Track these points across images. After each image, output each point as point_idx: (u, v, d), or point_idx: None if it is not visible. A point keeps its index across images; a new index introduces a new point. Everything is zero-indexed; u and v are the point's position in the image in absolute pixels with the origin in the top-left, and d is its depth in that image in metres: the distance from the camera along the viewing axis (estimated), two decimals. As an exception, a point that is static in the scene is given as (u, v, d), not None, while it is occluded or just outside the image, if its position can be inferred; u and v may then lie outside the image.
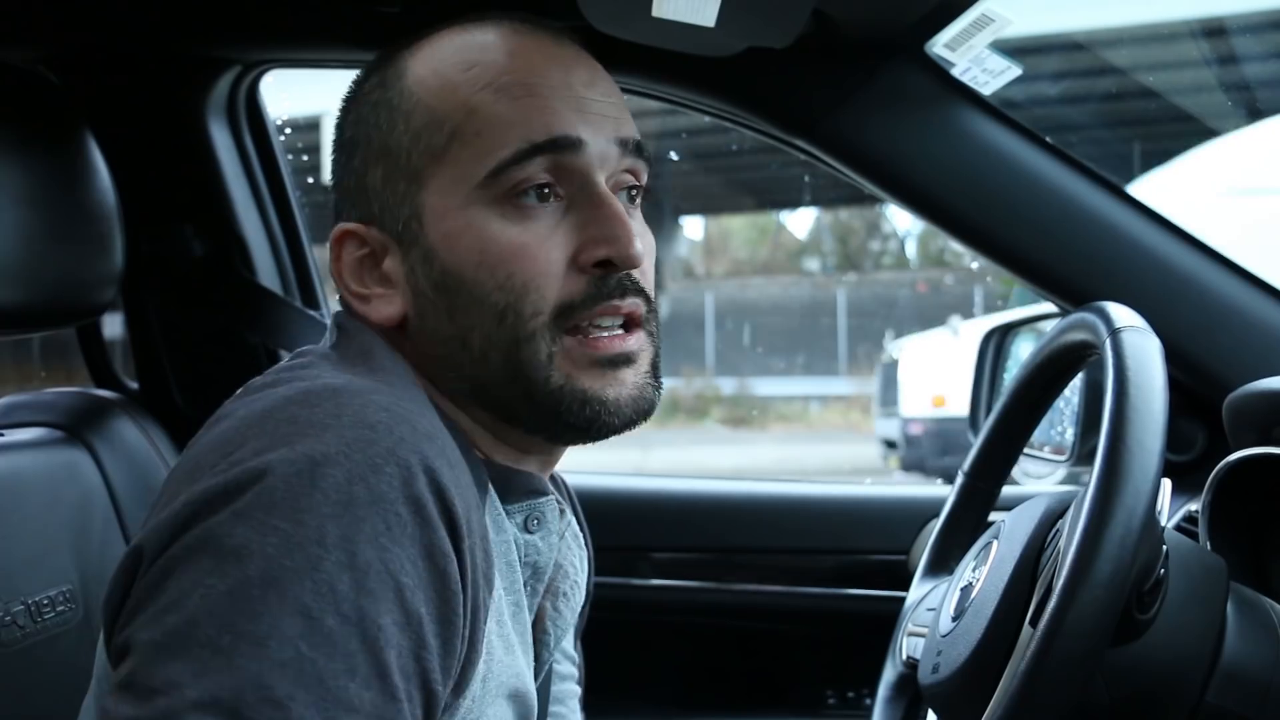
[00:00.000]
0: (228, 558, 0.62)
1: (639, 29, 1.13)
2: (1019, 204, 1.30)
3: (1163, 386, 0.78)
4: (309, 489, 0.64)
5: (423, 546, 0.66)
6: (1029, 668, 0.72)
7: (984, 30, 1.22)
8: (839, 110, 1.32)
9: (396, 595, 0.63)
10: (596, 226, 0.81)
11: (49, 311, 1.22)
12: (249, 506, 0.63)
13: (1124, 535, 0.72)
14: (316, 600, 0.61)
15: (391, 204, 0.84)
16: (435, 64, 0.84)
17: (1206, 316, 1.28)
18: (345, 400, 0.70)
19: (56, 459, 1.29)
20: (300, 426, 0.68)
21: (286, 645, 0.59)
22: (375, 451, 0.66)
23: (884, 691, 1.10)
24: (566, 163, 0.82)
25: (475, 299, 0.81)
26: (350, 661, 0.61)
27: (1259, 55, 2.72)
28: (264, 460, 0.65)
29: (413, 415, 0.71)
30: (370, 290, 0.85)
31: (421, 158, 0.82)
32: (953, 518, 1.14)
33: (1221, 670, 0.81)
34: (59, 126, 1.24)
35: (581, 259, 0.82)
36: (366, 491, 0.64)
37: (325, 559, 0.62)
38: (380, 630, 0.62)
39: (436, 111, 0.82)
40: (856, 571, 1.65)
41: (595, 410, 0.82)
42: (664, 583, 1.68)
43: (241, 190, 1.57)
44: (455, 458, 0.73)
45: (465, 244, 0.81)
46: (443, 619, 0.66)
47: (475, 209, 0.81)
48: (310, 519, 0.63)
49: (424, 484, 0.67)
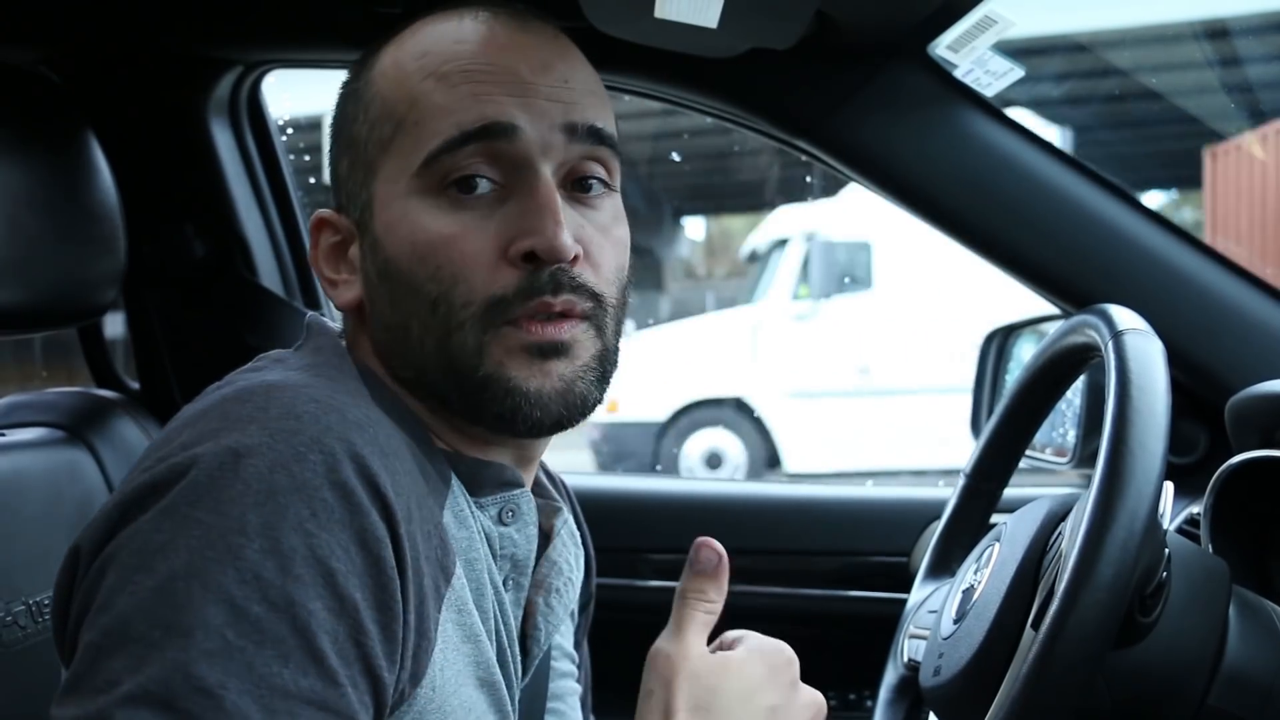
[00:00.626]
0: (154, 554, 0.62)
1: (641, 30, 1.13)
2: (1021, 206, 1.30)
3: (1165, 390, 0.78)
4: (231, 479, 0.64)
5: (354, 531, 0.65)
6: (1031, 671, 0.72)
7: (987, 32, 1.22)
8: (841, 111, 1.32)
9: (327, 580, 0.63)
10: (524, 217, 0.79)
11: (51, 312, 1.22)
12: (173, 502, 0.64)
13: (1126, 538, 0.72)
14: (240, 588, 0.61)
15: (353, 193, 0.85)
16: (397, 54, 0.85)
17: (1208, 319, 1.27)
18: (275, 395, 0.70)
19: (58, 459, 1.29)
20: (229, 421, 0.68)
21: (213, 635, 0.59)
22: (299, 440, 0.66)
23: (885, 694, 1.10)
24: (502, 150, 0.80)
25: (411, 288, 0.80)
26: (281, 648, 0.61)
27: (1262, 57, 2.72)
28: (189, 454, 0.66)
29: (344, 406, 0.71)
30: (338, 276, 0.87)
31: (374, 148, 0.83)
32: (954, 520, 1.14)
33: (1224, 673, 0.81)
34: (61, 127, 1.24)
35: (510, 251, 0.79)
36: (289, 479, 0.64)
37: (247, 547, 0.62)
38: (311, 615, 0.62)
39: (388, 101, 0.82)
40: (857, 573, 1.65)
41: (516, 401, 0.79)
42: (665, 584, 1.68)
43: (243, 191, 1.57)
44: (393, 446, 0.72)
45: (401, 234, 0.81)
46: (380, 604, 0.66)
47: (413, 199, 0.80)
48: (232, 509, 0.63)
49: (350, 470, 0.66)
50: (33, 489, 1.22)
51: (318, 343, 0.84)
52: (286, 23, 1.44)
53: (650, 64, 1.33)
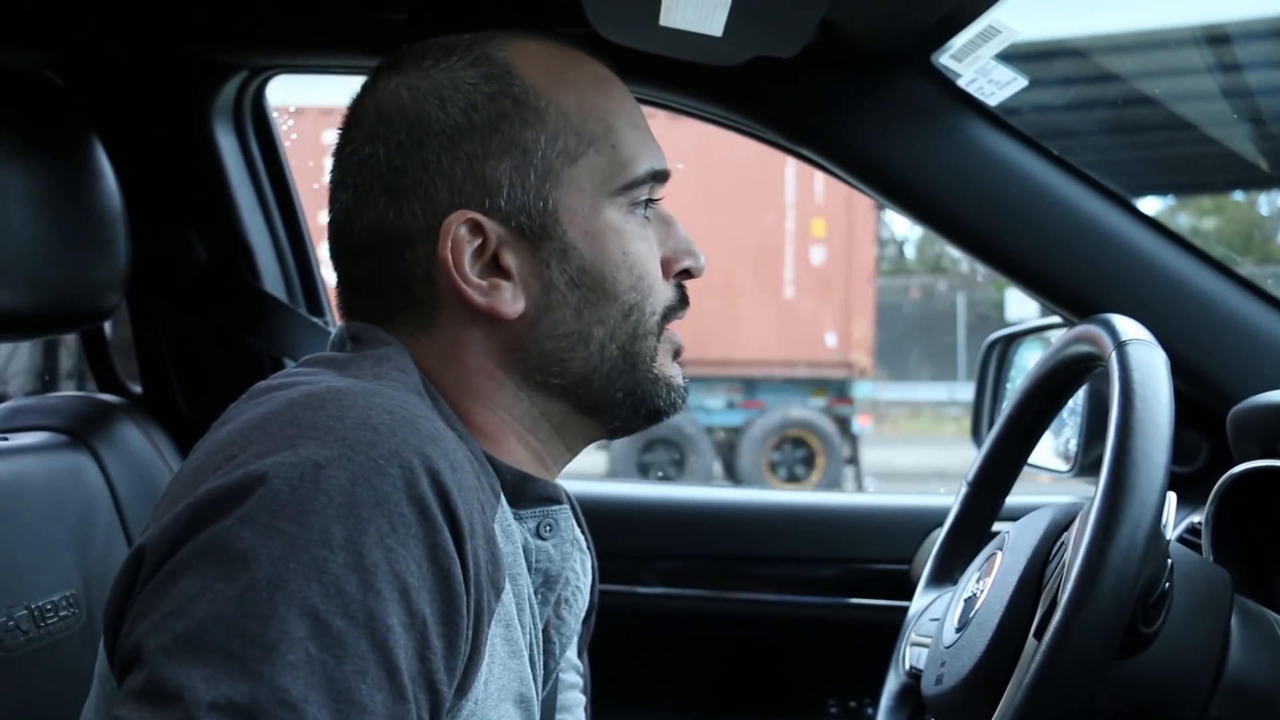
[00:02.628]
0: (234, 562, 0.62)
1: (646, 38, 1.14)
2: (1025, 214, 1.30)
3: (1169, 400, 0.78)
4: (313, 491, 0.64)
5: (427, 547, 0.66)
6: (1033, 680, 0.72)
7: (991, 41, 1.22)
8: (845, 120, 1.32)
9: (402, 596, 0.64)
10: (676, 242, 0.92)
11: (54, 316, 1.22)
12: (253, 510, 0.63)
13: (1129, 548, 0.72)
14: (324, 602, 0.61)
15: (520, 197, 0.85)
16: (556, 72, 0.88)
17: (1211, 329, 1.28)
18: (348, 403, 0.70)
19: (60, 463, 1.29)
20: (303, 429, 0.68)
21: (296, 648, 0.60)
22: (378, 453, 0.66)
23: (887, 701, 1.10)
24: (655, 188, 0.91)
25: (610, 295, 0.86)
26: (360, 663, 0.61)
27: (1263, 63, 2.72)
28: (267, 463, 0.65)
29: (416, 418, 0.71)
30: (491, 282, 0.84)
31: (558, 157, 0.85)
32: (956, 528, 1.14)
33: (1226, 683, 0.81)
34: (65, 131, 1.25)
35: (669, 268, 0.91)
36: (370, 493, 0.65)
37: (331, 560, 0.62)
38: (389, 631, 0.63)
39: (572, 118, 0.86)
40: (859, 581, 1.65)
41: (676, 395, 0.92)
42: (666, 591, 1.68)
43: (247, 195, 1.57)
44: (459, 460, 0.73)
45: (609, 243, 0.86)
46: (446, 620, 0.67)
47: (611, 212, 0.87)
48: (315, 521, 0.63)
49: (427, 485, 0.67)
50: (35, 494, 1.22)
51: (375, 350, 0.83)
52: (291, 28, 1.44)
53: (656, 72, 1.33)
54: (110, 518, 1.30)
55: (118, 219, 1.27)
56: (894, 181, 1.33)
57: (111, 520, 1.30)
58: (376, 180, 0.86)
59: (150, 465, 1.38)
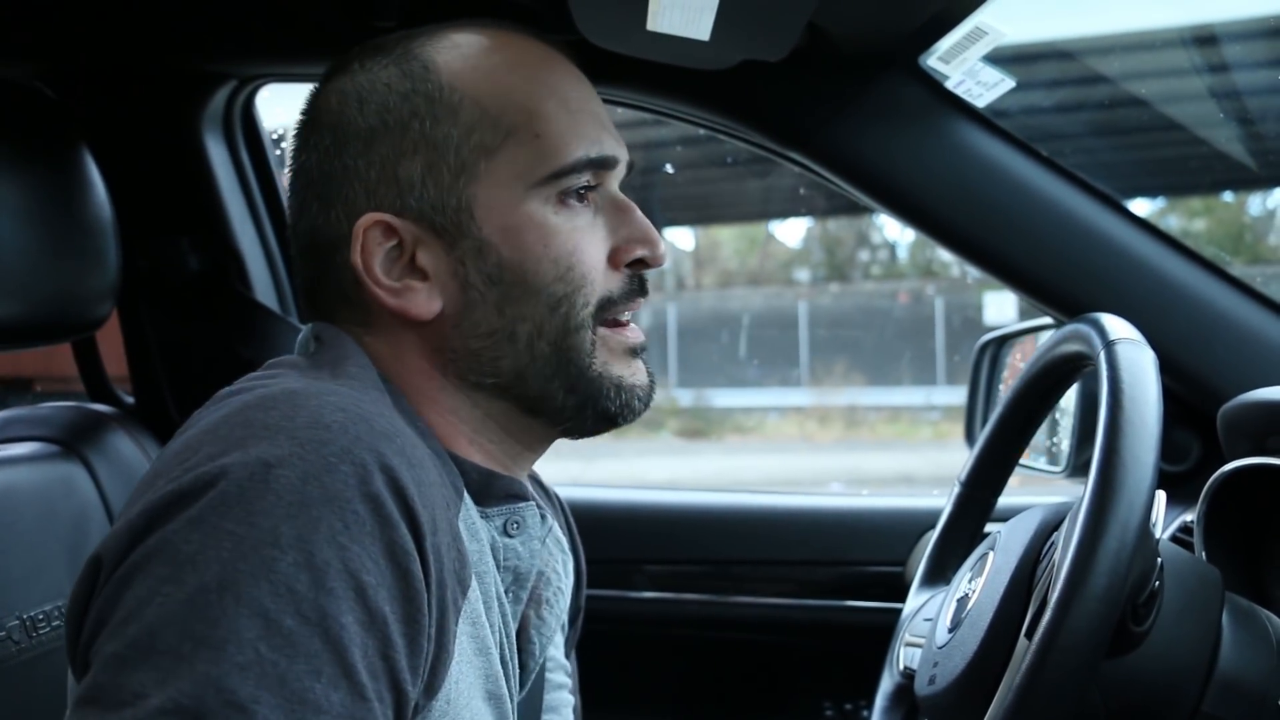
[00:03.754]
0: (184, 564, 0.62)
1: (634, 43, 1.14)
2: (1013, 215, 1.31)
3: (1157, 399, 0.78)
4: (262, 491, 0.63)
5: (384, 545, 0.65)
6: (1024, 680, 0.72)
7: (978, 43, 1.23)
8: (833, 123, 1.32)
9: (358, 594, 0.63)
10: (628, 229, 0.88)
11: (45, 326, 1.22)
12: (203, 512, 0.63)
13: (1118, 548, 0.72)
14: (274, 601, 0.61)
15: (433, 195, 0.83)
16: (474, 62, 0.86)
17: (1201, 327, 1.28)
18: (300, 402, 0.70)
19: (52, 473, 1.28)
20: (254, 429, 0.67)
21: (246, 648, 0.59)
22: (329, 451, 0.66)
23: (881, 702, 1.10)
24: (601, 176, 0.88)
25: (531, 291, 0.84)
26: (314, 662, 0.61)
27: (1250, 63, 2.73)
28: (217, 465, 0.65)
29: (371, 415, 0.71)
30: (404, 284, 0.84)
31: (473, 152, 0.84)
32: (949, 528, 1.14)
33: (1217, 680, 0.81)
34: (55, 141, 1.25)
35: (618, 258, 0.88)
36: (321, 491, 0.64)
37: (281, 560, 0.62)
38: (343, 629, 0.62)
39: (489, 109, 0.84)
40: (853, 583, 1.65)
41: (628, 396, 0.88)
42: (660, 595, 1.68)
43: (237, 204, 1.57)
44: (419, 457, 0.72)
45: (528, 237, 0.84)
46: (408, 618, 0.66)
47: (533, 204, 0.84)
48: (264, 521, 0.62)
49: (381, 482, 0.66)
50: (27, 504, 1.22)
51: (336, 351, 0.83)
52: (280, 37, 1.44)
53: (644, 76, 1.33)
54: (102, 528, 1.29)
55: (108, 228, 1.27)
56: (883, 184, 1.34)
57: (104, 530, 1.29)
58: (308, 187, 0.88)
59: (142, 475, 1.38)
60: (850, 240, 16.21)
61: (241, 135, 1.59)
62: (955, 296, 13.33)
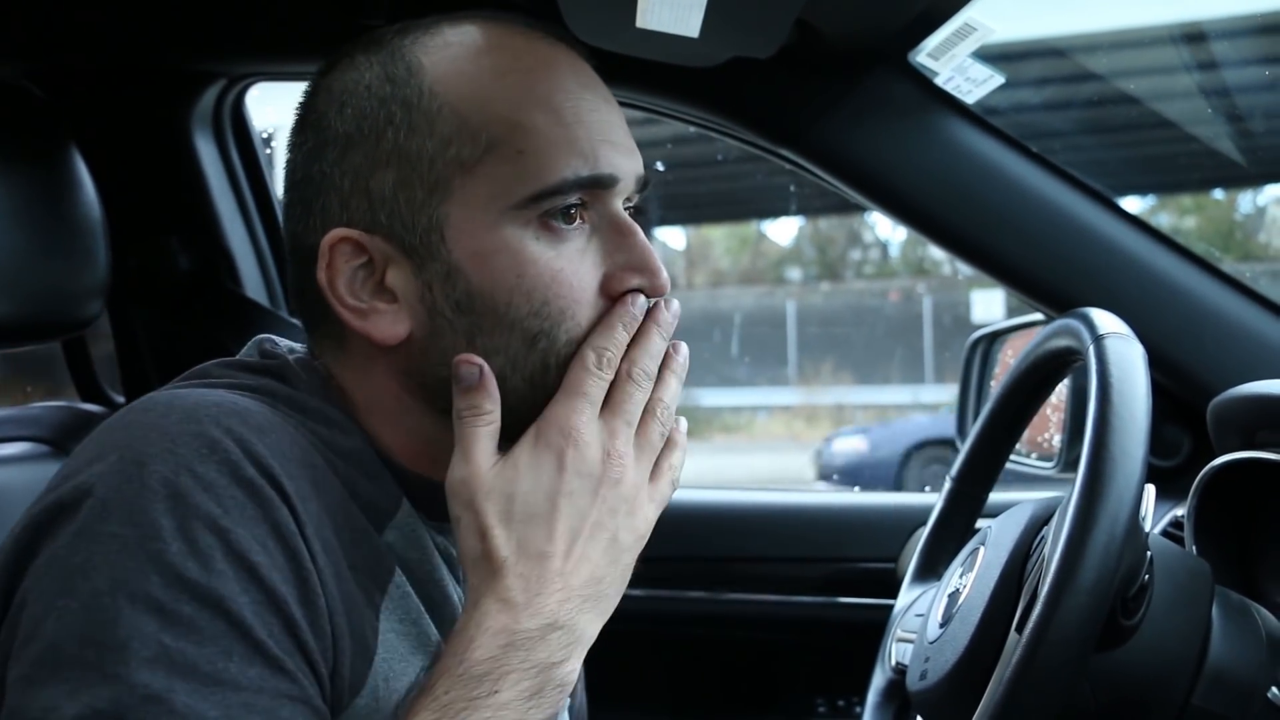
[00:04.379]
0: (73, 575, 0.61)
1: (623, 40, 1.14)
2: (1003, 211, 1.31)
3: (1145, 393, 0.79)
4: (138, 489, 0.63)
5: (269, 525, 0.65)
6: (1014, 674, 0.73)
7: (966, 39, 1.23)
8: (823, 120, 1.33)
9: (250, 575, 0.63)
10: (625, 254, 0.79)
11: (34, 325, 1.21)
12: (85, 522, 0.63)
13: (1107, 542, 0.72)
14: (166, 592, 0.61)
15: (404, 213, 0.76)
16: (460, 65, 0.78)
17: (1190, 322, 1.28)
18: (178, 403, 0.69)
19: (42, 474, 1.27)
20: (130, 431, 0.67)
21: (149, 642, 0.59)
22: (200, 443, 0.65)
23: (873, 697, 1.10)
24: (598, 194, 0.79)
25: (505, 323, 0.76)
26: (220, 643, 0.61)
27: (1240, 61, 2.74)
28: (93, 472, 0.65)
29: (247, 410, 0.70)
30: (370, 304, 0.78)
31: (448, 167, 0.76)
32: (941, 523, 1.14)
33: (1207, 673, 0.82)
34: (44, 140, 1.24)
35: (611, 286, 0.79)
36: (193, 480, 0.64)
37: (166, 550, 0.61)
38: (242, 608, 0.62)
39: (469, 120, 0.76)
40: (845, 580, 1.65)
41: None
42: (653, 593, 1.68)
43: (227, 203, 1.57)
44: (296, 453, 0.71)
45: (499, 265, 0.76)
46: (304, 599, 0.66)
47: (510, 228, 0.76)
48: (143, 517, 0.62)
49: (253, 469, 0.66)
50: (16, 505, 1.20)
51: (252, 368, 0.80)
52: (270, 36, 1.44)
53: (633, 74, 1.33)
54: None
55: (97, 228, 1.27)
56: (873, 180, 1.34)
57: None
58: (293, 188, 0.82)
59: None
60: (842, 239, 16.24)
61: (231, 134, 1.59)
62: (945, 295, 13.34)
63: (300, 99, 0.84)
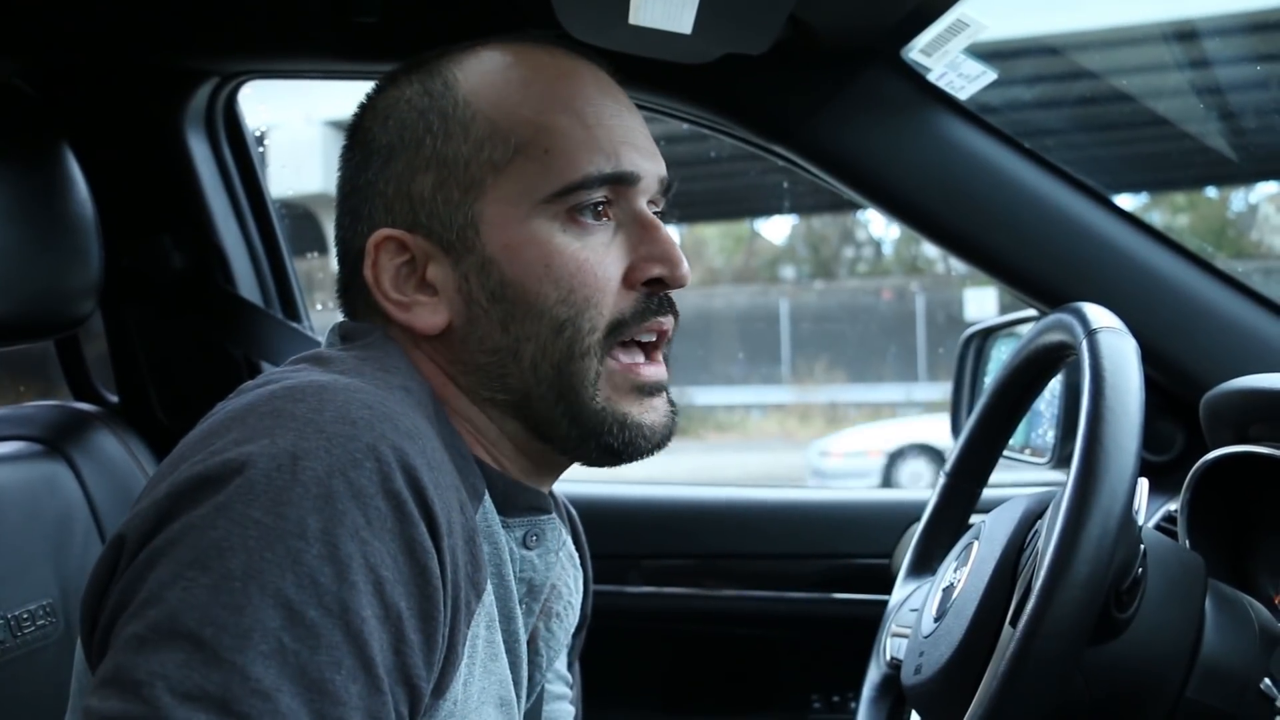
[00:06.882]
0: (209, 551, 0.62)
1: (616, 37, 1.14)
2: (996, 207, 1.31)
3: (1138, 387, 0.79)
4: (289, 482, 0.64)
5: (403, 541, 0.66)
6: (1009, 668, 0.73)
7: (959, 35, 1.23)
8: (816, 116, 1.33)
9: (376, 589, 0.64)
10: (648, 247, 0.86)
11: (27, 324, 1.21)
12: (230, 499, 0.64)
13: (1101, 535, 0.72)
14: (298, 593, 0.61)
15: (442, 212, 0.84)
16: (491, 78, 0.87)
17: (1183, 317, 1.29)
18: (328, 396, 0.70)
19: (36, 472, 1.28)
20: (282, 420, 0.68)
21: (269, 637, 0.60)
22: (355, 446, 0.67)
23: (868, 692, 1.10)
24: (622, 191, 0.86)
25: (535, 311, 0.83)
26: (335, 654, 0.61)
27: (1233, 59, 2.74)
28: (244, 451, 0.66)
29: (395, 414, 0.71)
30: (411, 298, 0.85)
31: (482, 168, 0.84)
32: (935, 519, 1.15)
33: (1201, 666, 0.82)
34: (36, 139, 1.24)
35: (634, 277, 0.86)
36: (346, 485, 0.65)
37: (306, 552, 0.62)
38: (364, 623, 0.63)
39: (499, 125, 0.84)
40: (840, 576, 1.65)
41: (633, 434, 0.86)
42: (651, 590, 1.68)
43: (220, 201, 1.57)
44: (439, 459, 0.73)
45: (529, 256, 0.83)
46: (423, 614, 0.67)
47: (539, 222, 0.83)
48: (291, 512, 0.63)
49: (401, 480, 0.67)
50: (11, 503, 1.21)
51: (367, 350, 0.84)
52: (262, 34, 1.43)
53: (626, 71, 1.32)
54: (87, 527, 1.29)
55: (90, 226, 1.26)
56: (866, 176, 1.34)
57: (89, 529, 1.29)
58: (344, 201, 0.90)
59: (127, 474, 1.38)
60: (835, 237, 16.24)
61: (224, 132, 1.59)
62: (938, 293, 13.35)
63: (350, 120, 0.93)
